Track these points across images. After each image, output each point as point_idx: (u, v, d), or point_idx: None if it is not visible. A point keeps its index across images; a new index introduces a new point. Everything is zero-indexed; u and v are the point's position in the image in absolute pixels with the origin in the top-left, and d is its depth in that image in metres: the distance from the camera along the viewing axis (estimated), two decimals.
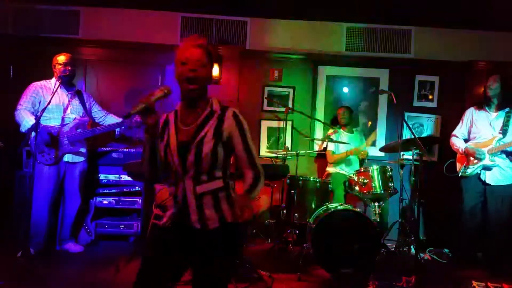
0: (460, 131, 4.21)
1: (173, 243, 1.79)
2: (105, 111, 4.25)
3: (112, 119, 4.20)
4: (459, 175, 4.10)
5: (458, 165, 4.16)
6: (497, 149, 3.86)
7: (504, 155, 3.89)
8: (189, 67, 1.72)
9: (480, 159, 3.92)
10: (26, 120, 3.73)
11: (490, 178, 3.91)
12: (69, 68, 3.90)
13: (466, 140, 4.17)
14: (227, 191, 1.81)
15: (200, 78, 1.74)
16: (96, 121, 4.20)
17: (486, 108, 4.04)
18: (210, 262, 1.74)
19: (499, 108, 3.98)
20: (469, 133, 4.15)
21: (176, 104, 1.90)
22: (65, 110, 3.92)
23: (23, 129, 3.75)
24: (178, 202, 1.78)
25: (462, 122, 4.22)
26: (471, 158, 3.99)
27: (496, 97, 3.97)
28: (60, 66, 3.88)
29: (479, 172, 3.96)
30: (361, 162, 4.79)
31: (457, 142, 4.16)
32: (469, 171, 3.99)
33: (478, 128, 4.04)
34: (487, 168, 3.93)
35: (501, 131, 3.91)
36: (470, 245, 4.08)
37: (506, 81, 3.97)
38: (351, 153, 4.57)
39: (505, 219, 3.88)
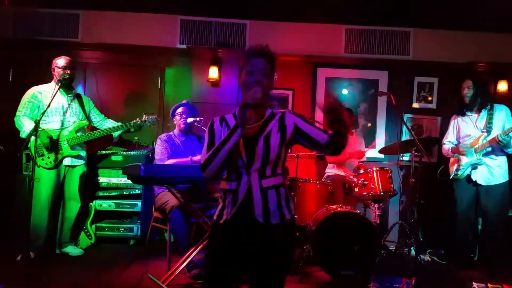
0: (449, 139, 4.19)
1: (235, 238, 1.80)
2: (104, 116, 4.26)
3: (110, 124, 4.20)
4: (451, 178, 4.08)
5: (450, 169, 4.14)
6: (483, 146, 3.83)
7: (493, 155, 3.86)
8: (255, 78, 1.79)
9: (466, 155, 3.91)
10: (26, 126, 3.74)
11: (480, 178, 3.88)
12: (69, 72, 3.90)
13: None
14: (285, 188, 1.86)
15: (264, 88, 1.77)
16: (94, 125, 4.21)
17: (468, 112, 4.03)
18: (272, 257, 1.77)
19: (480, 109, 3.96)
20: (457, 138, 4.13)
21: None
22: (64, 113, 3.92)
23: (23, 135, 3.77)
24: (239, 197, 1.78)
25: (449, 131, 4.20)
26: (460, 157, 3.98)
27: (474, 101, 3.96)
28: (59, 70, 3.88)
29: (469, 173, 3.94)
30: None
31: (446, 146, 4.15)
32: (459, 173, 3.98)
33: (465, 132, 4.02)
34: (475, 166, 3.90)
35: (484, 130, 3.90)
36: (467, 247, 4.06)
37: (479, 82, 3.97)
38: (353, 157, 4.56)
39: (500, 218, 3.86)
